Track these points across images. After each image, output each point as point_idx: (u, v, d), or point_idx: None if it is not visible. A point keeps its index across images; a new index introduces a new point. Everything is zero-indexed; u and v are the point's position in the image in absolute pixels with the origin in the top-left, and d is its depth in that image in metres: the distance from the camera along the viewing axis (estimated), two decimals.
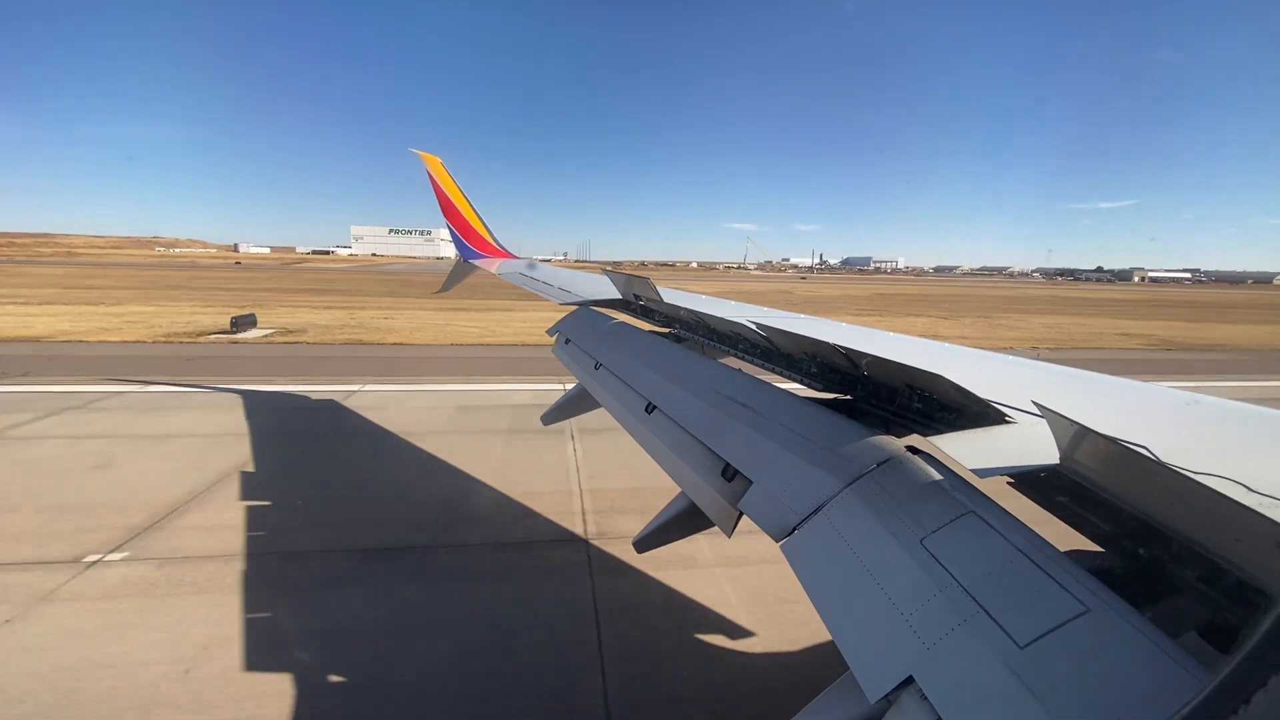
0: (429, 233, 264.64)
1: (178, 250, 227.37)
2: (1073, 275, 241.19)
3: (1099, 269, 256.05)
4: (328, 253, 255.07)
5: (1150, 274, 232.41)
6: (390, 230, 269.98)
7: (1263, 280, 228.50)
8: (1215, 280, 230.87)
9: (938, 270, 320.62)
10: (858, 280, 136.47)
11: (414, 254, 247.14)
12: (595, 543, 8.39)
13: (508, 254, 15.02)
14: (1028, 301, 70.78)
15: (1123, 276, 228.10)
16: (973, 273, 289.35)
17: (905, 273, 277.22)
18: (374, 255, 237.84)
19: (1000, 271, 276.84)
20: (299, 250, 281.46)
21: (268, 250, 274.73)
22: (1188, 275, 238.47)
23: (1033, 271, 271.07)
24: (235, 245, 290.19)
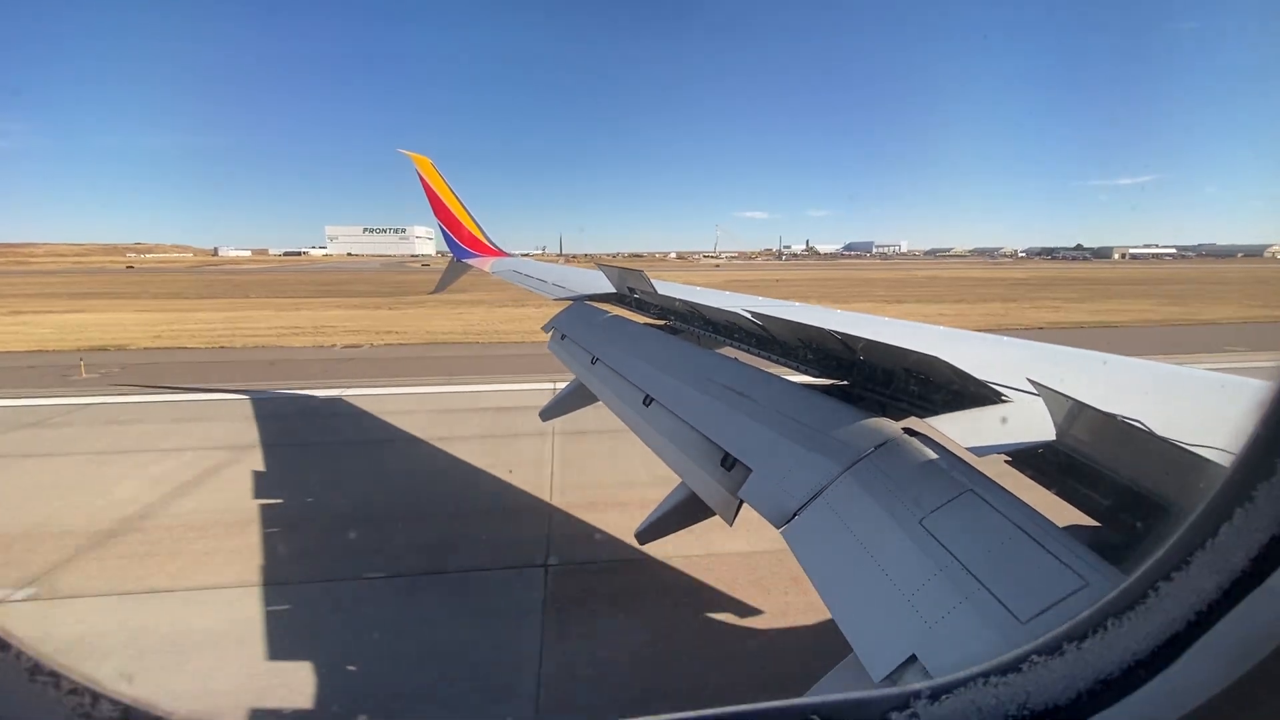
0: (403, 231, 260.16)
1: (147, 256, 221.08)
2: (1051, 254, 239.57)
3: (1078, 246, 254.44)
4: (300, 254, 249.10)
5: (1131, 251, 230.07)
6: (365, 229, 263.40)
7: (1253, 254, 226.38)
8: (1203, 255, 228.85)
9: (930, 253, 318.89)
10: (786, 267, 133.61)
11: (389, 252, 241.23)
12: None
13: (500, 252, 14.99)
14: (912, 284, 64.60)
15: (1101, 254, 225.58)
16: (962, 254, 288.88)
17: (893, 257, 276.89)
18: (349, 255, 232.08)
19: (992, 253, 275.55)
20: (271, 252, 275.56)
21: (248, 253, 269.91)
22: (1171, 252, 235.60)
23: (1019, 252, 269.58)
24: (215, 249, 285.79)
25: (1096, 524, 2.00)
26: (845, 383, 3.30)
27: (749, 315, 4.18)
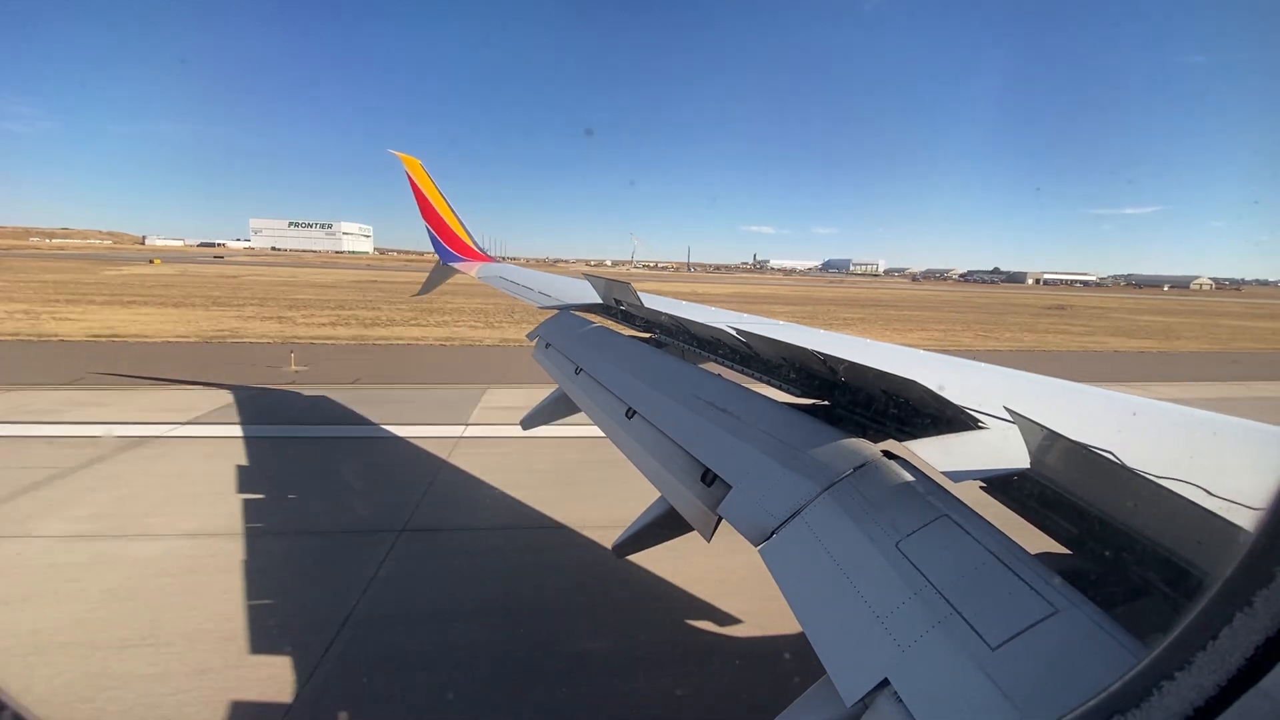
0: (330, 226, 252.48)
1: (51, 241, 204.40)
2: (965, 276, 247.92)
3: (995, 270, 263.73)
4: (216, 245, 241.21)
5: (1045, 276, 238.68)
6: (290, 224, 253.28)
7: (1179, 285, 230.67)
8: (1131, 284, 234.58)
9: (887, 272, 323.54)
10: (688, 279, 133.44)
11: (315, 248, 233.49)
12: None
13: (487, 257, 14.93)
14: (776, 300, 66.57)
15: (1015, 278, 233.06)
16: (912, 274, 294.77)
17: (866, 275, 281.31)
18: (273, 249, 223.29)
19: (943, 274, 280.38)
20: (186, 242, 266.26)
21: (181, 243, 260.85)
22: (1086, 279, 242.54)
23: (955, 273, 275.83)
24: (143, 238, 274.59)
25: (1068, 552, 2.03)
26: (826, 403, 3.33)
27: (733, 332, 4.20)
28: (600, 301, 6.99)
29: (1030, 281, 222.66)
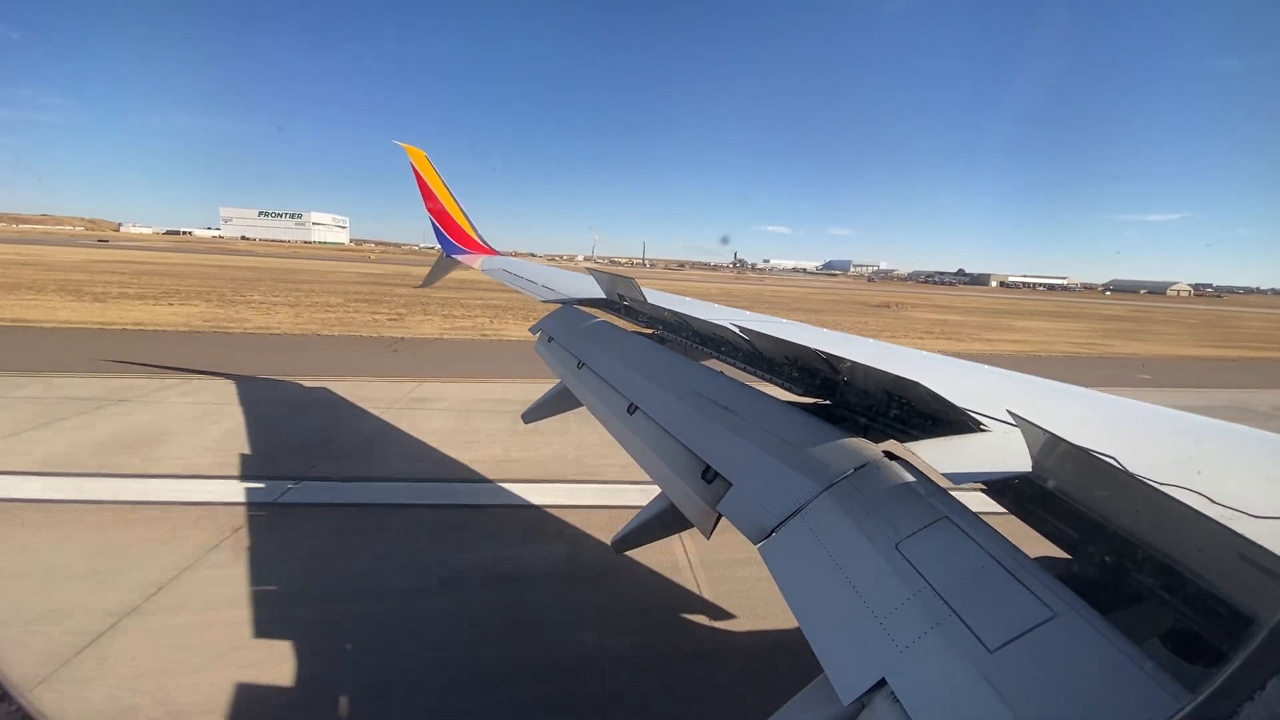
0: (299, 216, 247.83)
1: (17, 227, 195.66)
2: (929, 278, 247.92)
3: (959, 272, 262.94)
4: (178, 233, 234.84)
5: (1009, 279, 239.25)
6: (260, 213, 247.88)
7: (1156, 291, 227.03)
8: (1104, 289, 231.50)
9: (877, 274, 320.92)
10: (643, 274, 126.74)
11: (284, 238, 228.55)
12: None
13: (491, 250, 14.91)
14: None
15: (979, 280, 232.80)
16: (900, 275, 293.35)
17: (859, 275, 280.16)
18: (243, 238, 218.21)
19: (936, 275, 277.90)
20: (150, 230, 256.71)
21: (150, 230, 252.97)
22: (1053, 282, 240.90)
23: (929, 275, 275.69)
24: (119, 225, 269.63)
25: (1067, 556, 2.03)
26: (828, 402, 3.33)
27: (736, 329, 4.20)
28: (603, 296, 6.99)
29: (994, 284, 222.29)
